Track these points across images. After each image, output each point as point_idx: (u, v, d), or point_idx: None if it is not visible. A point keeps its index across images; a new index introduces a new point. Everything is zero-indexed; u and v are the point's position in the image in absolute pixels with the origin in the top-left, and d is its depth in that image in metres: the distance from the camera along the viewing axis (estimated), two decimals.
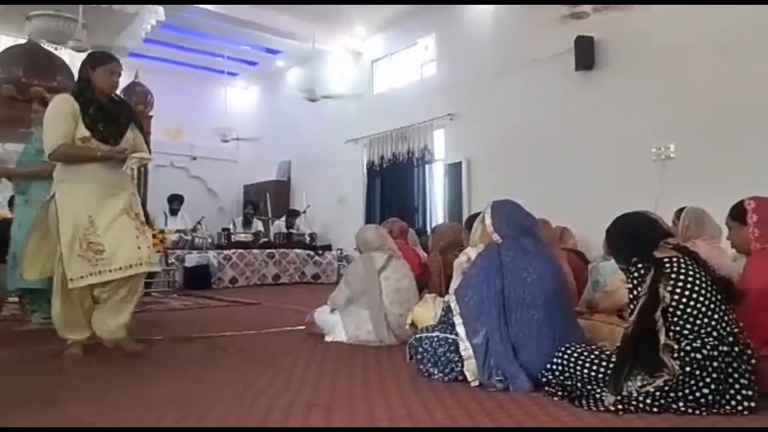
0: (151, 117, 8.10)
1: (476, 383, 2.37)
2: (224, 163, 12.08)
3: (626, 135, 6.46)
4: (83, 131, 2.93)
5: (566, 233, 5.30)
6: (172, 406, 2.14)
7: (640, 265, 2.12)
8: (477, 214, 3.49)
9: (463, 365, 2.40)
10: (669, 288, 2.04)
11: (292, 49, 10.83)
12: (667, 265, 2.08)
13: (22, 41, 7.78)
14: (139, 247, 2.95)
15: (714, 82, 5.73)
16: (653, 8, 6.23)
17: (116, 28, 9.24)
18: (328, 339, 3.63)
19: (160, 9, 8.91)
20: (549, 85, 7.32)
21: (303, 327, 3.98)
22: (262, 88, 12.98)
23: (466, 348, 2.39)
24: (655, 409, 1.96)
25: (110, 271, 2.89)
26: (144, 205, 7.84)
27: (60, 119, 2.92)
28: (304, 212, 10.14)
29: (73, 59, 8.65)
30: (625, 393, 1.98)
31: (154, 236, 6.90)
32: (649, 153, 6.22)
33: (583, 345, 2.23)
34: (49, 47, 7.78)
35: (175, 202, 8.82)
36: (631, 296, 2.11)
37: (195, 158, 11.83)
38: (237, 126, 11.56)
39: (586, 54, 6.85)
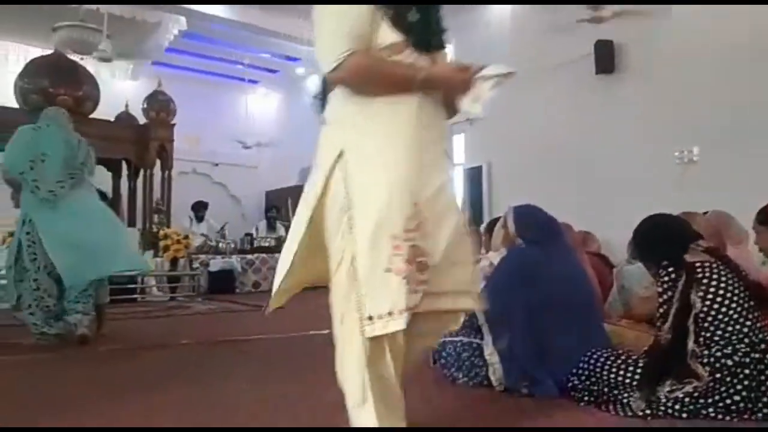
0: (173, 125, 8.22)
1: (501, 388, 2.36)
2: (246, 170, 12.18)
3: (648, 138, 6.40)
4: (389, 34, 1.57)
5: (589, 237, 5.26)
6: (201, 408, 2.17)
7: (670, 269, 2.08)
8: (497, 219, 3.49)
9: (487, 370, 2.40)
10: (701, 294, 2.00)
11: (311, 57, 10.89)
12: (699, 269, 2.05)
13: (49, 52, 7.95)
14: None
15: (737, 84, 5.64)
16: (673, 11, 6.18)
17: (139, 38, 9.43)
18: None
19: (182, 18, 9.06)
20: (569, 89, 7.28)
21: (327, 331, 4.00)
22: (282, 95, 13.08)
23: (491, 353, 2.38)
24: (684, 415, 1.93)
25: (435, 295, 1.53)
26: (168, 211, 8.05)
27: (348, 12, 1.56)
28: None
29: (98, 69, 8.84)
30: (653, 398, 1.96)
31: (178, 242, 7.08)
32: (671, 156, 6.16)
33: (610, 350, 2.22)
34: (74, 57, 7.95)
35: (201, 208, 8.95)
36: (660, 300, 2.08)
37: (217, 165, 11.96)
38: (258, 132, 11.68)
39: (606, 58, 6.82)
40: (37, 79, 7.44)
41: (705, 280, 2.02)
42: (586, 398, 2.14)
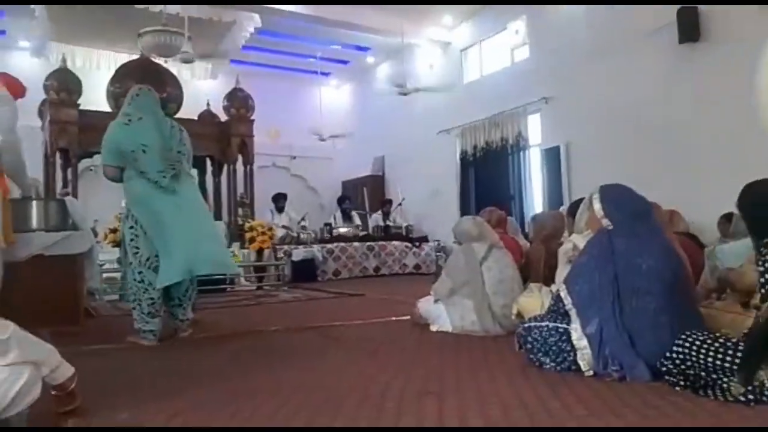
0: (252, 120, 8.51)
1: (591, 373, 2.33)
2: (322, 161, 12.48)
3: (740, 110, 6.00)
4: None
5: (676, 216, 5.03)
6: (293, 393, 2.27)
7: None
8: (580, 200, 3.40)
9: (576, 355, 2.37)
10: None
11: (381, 45, 10.97)
12: None
13: (135, 57, 8.42)
14: None
15: None
16: None
17: (217, 38, 9.80)
18: (433, 329, 3.69)
19: (256, 16, 9.35)
20: (651, 60, 6.95)
21: (408, 317, 4.07)
22: (354, 86, 13.24)
23: (579, 338, 2.35)
24: None
25: None
26: (251, 204, 8.37)
27: None
28: (400, 205, 10.28)
29: (180, 70, 9.28)
30: (756, 383, 1.88)
31: (263, 233, 7.37)
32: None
33: (706, 333, 2.13)
34: (158, 60, 8.38)
35: (281, 200, 9.28)
36: (762, 280, 1.98)
37: (295, 158, 12.32)
38: (332, 124, 11.92)
39: (690, 25, 6.45)
40: (126, 82, 7.87)
41: None
42: (681, 383, 2.08)
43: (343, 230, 9.29)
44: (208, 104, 8.85)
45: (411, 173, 10.95)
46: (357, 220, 9.92)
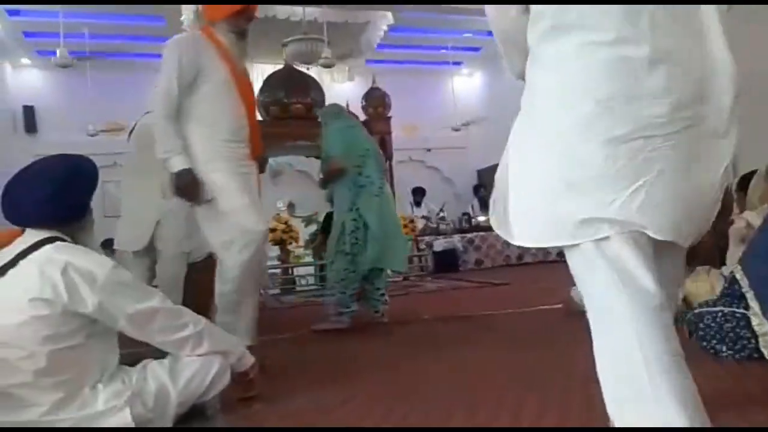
0: (389, 118, 8.71)
1: None
2: (456, 151, 12.44)
3: None
4: None
5: None
6: (454, 383, 2.34)
7: None
8: (751, 174, 3.14)
9: (757, 341, 2.19)
10: None
11: None
12: None
13: (281, 66, 8.97)
14: None
15: None
16: None
17: (354, 40, 10.14)
18: None
19: (389, 14, 9.53)
20: None
21: (560, 305, 3.97)
22: (485, 72, 13.03)
23: (760, 323, 2.17)
24: None
25: None
26: (393, 197, 8.60)
27: None
28: None
29: (320, 75, 9.74)
30: None
31: (405, 226, 7.56)
32: None
33: None
34: (301, 68, 8.86)
35: (419, 194, 9.48)
36: None
37: (430, 150, 12.41)
38: (465, 113, 11.84)
39: None
40: (274, 92, 8.48)
41: None
42: None
43: (481, 219, 9.25)
44: (347, 105, 9.18)
45: None
46: None
